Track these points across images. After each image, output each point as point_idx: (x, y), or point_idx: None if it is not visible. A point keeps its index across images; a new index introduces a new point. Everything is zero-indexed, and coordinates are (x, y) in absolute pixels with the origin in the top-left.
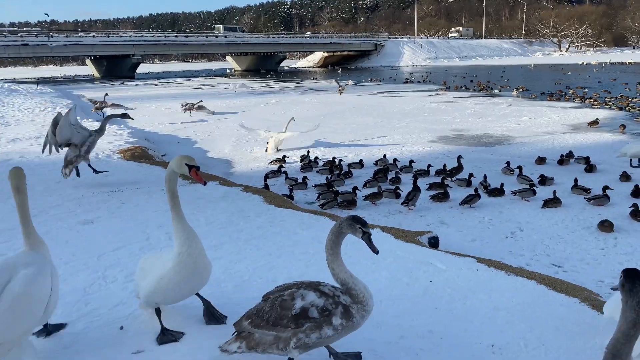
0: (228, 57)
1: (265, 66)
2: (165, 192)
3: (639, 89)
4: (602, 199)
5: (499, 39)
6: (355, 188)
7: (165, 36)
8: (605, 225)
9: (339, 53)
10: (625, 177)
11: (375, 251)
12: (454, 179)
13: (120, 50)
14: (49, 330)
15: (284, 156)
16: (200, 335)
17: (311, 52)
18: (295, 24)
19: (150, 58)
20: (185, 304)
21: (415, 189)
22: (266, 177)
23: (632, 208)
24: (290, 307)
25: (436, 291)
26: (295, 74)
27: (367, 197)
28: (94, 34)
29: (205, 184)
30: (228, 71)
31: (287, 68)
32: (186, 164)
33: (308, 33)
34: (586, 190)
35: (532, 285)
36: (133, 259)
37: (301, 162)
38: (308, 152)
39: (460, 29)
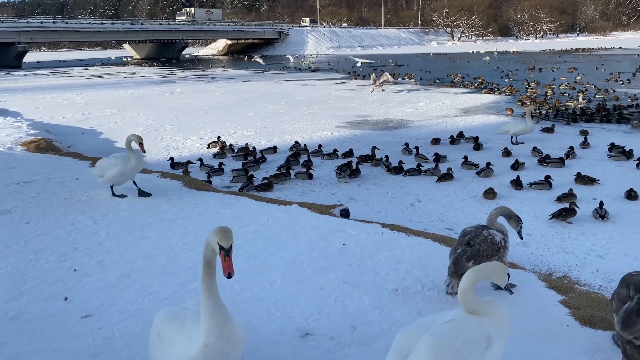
0: (126, 45)
1: (165, 54)
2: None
3: (514, 75)
4: (487, 171)
5: (397, 29)
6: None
7: (54, 22)
8: (489, 193)
9: (243, 41)
10: (506, 153)
11: (522, 238)
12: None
13: (3, 37)
14: (139, 188)
15: (222, 141)
16: None
17: (214, 40)
18: None
19: (37, 46)
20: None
21: (347, 165)
22: (173, 163)
23: (515, 179)
24: (496, 242)
25: (348, 251)
26: (200, 62)
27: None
28: None
29: (230, 276)
30: (126, 59)
31: (188, 56)
32: (218, 243)
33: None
34: (474, 165)
35: (428, 243)
36: (62, 242)
37: (208, 147)
38: (218, 137)
39: (193, 10)
